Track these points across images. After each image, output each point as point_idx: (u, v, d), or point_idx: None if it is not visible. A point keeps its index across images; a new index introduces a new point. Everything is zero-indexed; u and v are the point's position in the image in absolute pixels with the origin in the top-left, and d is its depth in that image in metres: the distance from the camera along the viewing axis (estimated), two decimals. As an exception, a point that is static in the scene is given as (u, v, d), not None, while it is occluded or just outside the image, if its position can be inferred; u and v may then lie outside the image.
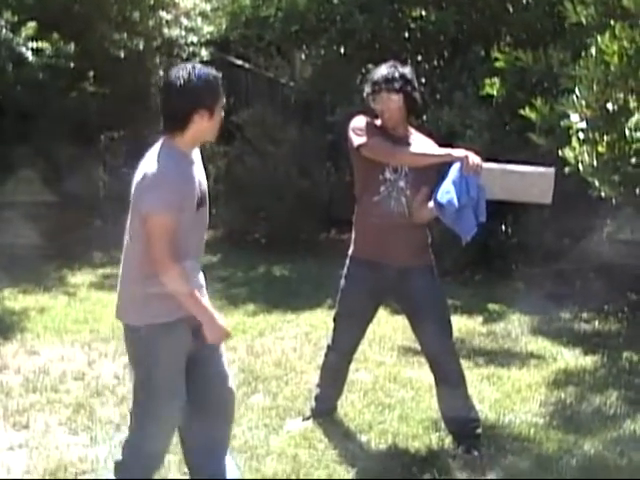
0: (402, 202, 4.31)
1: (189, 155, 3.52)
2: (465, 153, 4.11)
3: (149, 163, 3.41)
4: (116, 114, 9.53)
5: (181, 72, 3.41)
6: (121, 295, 3.59)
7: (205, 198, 3.56)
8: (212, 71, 3.48)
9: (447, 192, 4.08)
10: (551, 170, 4.17)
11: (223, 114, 3.53)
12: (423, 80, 8.67)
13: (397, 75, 4.27)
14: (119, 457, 3.68)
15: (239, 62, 11.14)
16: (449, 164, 4.14)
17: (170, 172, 3.36)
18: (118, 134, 10.08)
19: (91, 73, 9.55)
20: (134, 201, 3.44)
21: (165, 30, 9.93)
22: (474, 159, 4.06)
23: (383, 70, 4.31)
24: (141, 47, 9.68)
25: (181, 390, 3.55)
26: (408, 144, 4.33)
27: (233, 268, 8.20)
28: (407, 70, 4.35)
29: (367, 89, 4.36)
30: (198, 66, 3.47)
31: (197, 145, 3.58)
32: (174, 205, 3.35)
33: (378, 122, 4.37)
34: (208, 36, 10.24)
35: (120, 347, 5.93)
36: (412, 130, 4.44)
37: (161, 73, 9.82)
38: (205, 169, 3.63)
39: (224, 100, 3.52)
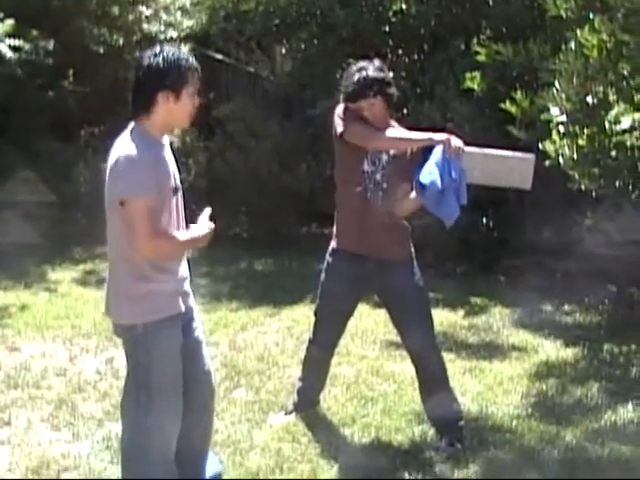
0: (379, 195, 4.30)
1: (160, 140, 3.46)
2: (447, 136, 4.10)
3: (120, 148, 3.35)
4: (96, 109, 9.46)
5: (150, 53, 3.40)
6: (113, 295, 3.52)
7: (179, 188, 3.51)
8: (183, 55, 3.43)
9: (430, 173, 4.05)
10: (531, 156, 4.20)
11: (197, 102, 3.47)
12: (404, 74, 8.69)
13: (369, 81, 4.20)
14: (126, 465, 3.58)
15: (219, 57, 11.10)
16: (430, 149, 4.13)
17: (142, 154, 3.29)
18: (99, 129, 10.01)
19: (70, 71, 9.50)
20: (108, 189, 3.37)
21: (145, 25, 9.89)
22: (456, 142, 4.06)
23: (353, 77, 4.22)
24: (121, 42, 9.64)
25: (180, 384, 3.51)
26: None
27: (215, 263, 8.18)
28: (376, 68, 4.27)
29: (343, 98, 4.28)
30: (169, 48, 3.43)
31: (168, 130, 3.52)
32: (151, 186, 3.29)
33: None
34: (188, 31, 10.21)
35: (101, 342, 5.93)
36: (394, 123, 4.43)
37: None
38: (186, 164, 3.57)
39: (196, 86, 3.44)
